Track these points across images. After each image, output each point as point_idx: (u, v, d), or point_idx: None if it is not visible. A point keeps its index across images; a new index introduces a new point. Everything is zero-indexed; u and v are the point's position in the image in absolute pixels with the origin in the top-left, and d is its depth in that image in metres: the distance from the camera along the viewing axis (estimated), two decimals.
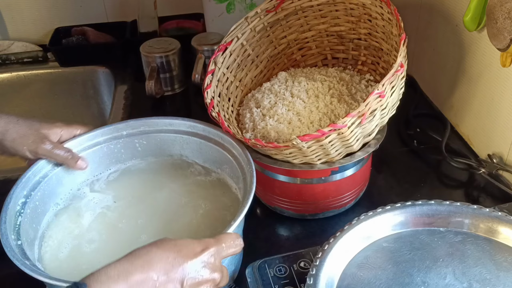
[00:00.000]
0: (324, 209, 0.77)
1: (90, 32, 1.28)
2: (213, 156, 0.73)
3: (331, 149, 0.67)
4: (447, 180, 0.87)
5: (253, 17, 0.83)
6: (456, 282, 0.56)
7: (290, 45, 0.88)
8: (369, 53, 0.85)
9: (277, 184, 0.75)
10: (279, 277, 0.62)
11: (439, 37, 0.97)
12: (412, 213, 0.63)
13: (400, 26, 0.69)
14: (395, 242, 0.62)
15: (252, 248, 0.74)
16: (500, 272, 0.57)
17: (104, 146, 0.74)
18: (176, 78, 1.14)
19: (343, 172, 0.73)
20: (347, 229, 0.61)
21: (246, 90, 0.86)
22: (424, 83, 1.08)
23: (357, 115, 0.63)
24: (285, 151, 0.66)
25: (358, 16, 0.82)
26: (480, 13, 0.80)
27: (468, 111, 0.91)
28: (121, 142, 0.75)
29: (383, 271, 0.58)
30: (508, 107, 0.79)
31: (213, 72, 0.78)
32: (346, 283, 0.57)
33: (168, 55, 1.09)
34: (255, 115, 0.77)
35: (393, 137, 0.95)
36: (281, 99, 0.78)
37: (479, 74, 0.86)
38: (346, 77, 0.82)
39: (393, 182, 0.86)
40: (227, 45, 0.81)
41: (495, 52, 0.77)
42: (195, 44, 1.12)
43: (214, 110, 0.74)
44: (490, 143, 0.85)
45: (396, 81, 0.65)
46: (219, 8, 1.17)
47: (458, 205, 0.63)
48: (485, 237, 0.61)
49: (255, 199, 0.81)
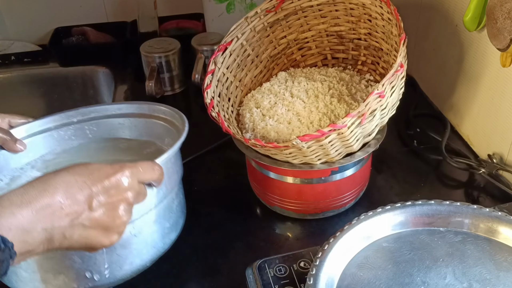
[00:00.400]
0: (324, 209, 0.77)
1: (90, 32, 1.28)
2: (158, 131, 0.74)
3: (331, 149, 0.67)
4: (447, 180, 0.87)
5: (253, 17, 0.83)
6: (456, 282, 0.56)
7: (290, 45, 0.89)
8: (369, 53, 0.85)
9: (277, 184, 0.75)
10: (279, 277, 0.62)
11: (439, 37, 0.97)
12: (412, 213, 0.63)
13: (400, 26, 0.69)
14: (395, 242, 0.62)
15: (252, 248, 0.74)
16: (500, 272, 0.57)
17: (54, 132, 0.74)
18: (176, 78, 1.14)
19: (343, 172, 0.73)
20: (347, 229, 0.61)
21: (246, 90, 0.86)
22: (424, 83, 1.08)
23: (357, 115, 0.63)
24: (285, 151, 0.66)
25: (358, 16, 0.82)
26: (480, 13, 0.80)
27: (468, 111, 0.91)
28: (71, 128, 0.75)
29: (383, 271, 0.58)
30: (508, 107, 0.79)
31: (213, 72, 0.78)
32: (346, 283, 0.57)
33: (168, 55, 1.10)
34: (255, 115, 0.77)
35: (393, 137, 0.95)
36: (281, 99, 0.78)
37: (479, 74, 0.86)
38: (346, 77, 0.82)
39: (393, 182, 0.86)
40: (227, 45, 0.81)
41: (495, 52, 0.77)
42: (195, 44, 1.12)
43: (214, 110, 0.74)
44: (490, 143, 0.85)
45: (396, 81, 0.65)
46: (219, 8, 1.17)
47: (458, 205, 0.63)
48: (485, 237, 0.61)
49: (255, 199, 0.82)
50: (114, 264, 0.60)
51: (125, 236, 0.56)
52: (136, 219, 0.59)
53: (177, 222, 0.68)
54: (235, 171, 0.89)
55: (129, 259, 0.61)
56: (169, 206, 0.66)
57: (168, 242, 0.66)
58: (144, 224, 0.61)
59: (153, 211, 0.61)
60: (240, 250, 0.74)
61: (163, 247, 0.65)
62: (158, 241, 0.64)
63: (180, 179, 0.69)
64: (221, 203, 0.83)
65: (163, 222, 0.64)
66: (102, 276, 0.60)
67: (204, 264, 0.72)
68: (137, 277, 0.70)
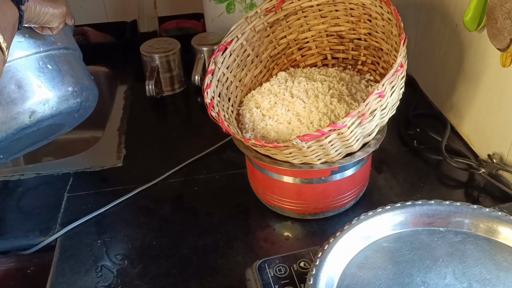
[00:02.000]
0: (324, 209, 0.77)
1: (90, 32, 1.28)
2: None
3: (331, 149, 0.67)
4: (447, 180, 0.87)
5: (253, 17, 0.83)
6: (456, 282, 0.56)
7: (290, 45, 0.89)
8: (369, 53, 0.85)
9: (277, 184, 0.75)
10: (279, 277, 0.62)
11: (439, 37, 0.97)
12: (412, 213, 0.63)
13: (400, 26, 0.69)
14: (395, 242, 0.62)
15: (252, 248, 0.75)
16: (500, 272, 0.57)
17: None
18: (176, 78, 1.14)
19: (343, 172, 0.73)
20: (347, 229, 0.61)
21: (246, 90, 0.86)
22: (424, 83, 1.08)
23: (357, 115, 0.63)
24: (285, 151, 0.66)
25: (358, 16, 0.82)
26: (480, 13, 0.80)
27: (468, 111, 0.91)
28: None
29: (383, 271, 0.58)
30: (508, 107, 0.79)
31: (213, 72, 0.78)
32: (346, 283, 0.57)
33: (168, 55, 1.10)
34: (255, 115, 0.77)
35: (393, 137, 0.95)
36: (281, 99, 0.78)
37: (479, 74, 0.86)
38: (346, 77, 0.82)
39: (393, 182, 0.86)
40: (227, 45, 0.81)
41: (495, 52, 0.77)
42: (195, 44, 1.12)
43: (214, 110, 0.74)
44: (490, 143, 0.85)
45: (396, 81, 0.65)
46: (219, 8, 1.17)
47: (458, 205, 0.63)
48: (485, 237, 0.61)
49: (255, 199, 0.82)
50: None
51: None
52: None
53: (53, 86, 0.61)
54: (235, 171, 0.89)
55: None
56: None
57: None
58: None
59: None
60: (240, 250, 0.74)
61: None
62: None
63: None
64: (221, 203, 0.83)
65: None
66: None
67: (204, 264, 0.72)
68: (137, 276, 0.71)
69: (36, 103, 0.61)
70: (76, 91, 0.66)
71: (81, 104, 0.68)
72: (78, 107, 0.68)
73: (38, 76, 0.61)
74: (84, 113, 0.73)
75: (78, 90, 0.66)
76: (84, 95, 0.68)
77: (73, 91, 0.65)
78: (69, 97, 0.65)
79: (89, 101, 0.70)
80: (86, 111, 0.73)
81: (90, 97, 0.70)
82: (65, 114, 0.66)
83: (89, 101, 0.70)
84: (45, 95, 0.62)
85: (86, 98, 0.69)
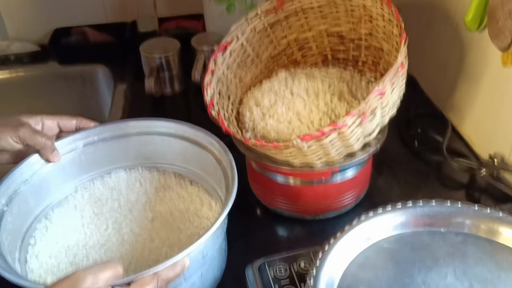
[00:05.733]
0: (325, 210, 0.77)
1: (90, 32, 1.27)
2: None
3: (332, 149, 0.66)
4: (448, 181, 0.86)
5: (253, 18, 0.83)
6: (457, 282, 0.56)
7: (290, 45, 0.88)
8: (370, 54, 0.84)
9: (277, 185, 0.75)
10: (279, 277, 0.62)
11: (440, 37, 0.97)
12: (413, 214, 0.63)
13: (401, 26, 0.69)
14: (396, 243, 0.61)
15: (252, 248, 0.74)
16: (501, 272, 0.56)
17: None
18: (176, 78, 1.13)
19: (343, 173, 0.73)
20: (347, 229, 0.60)
21: (246, 89, 0.85)
22: (425, 83, 1.07)
23: (358, 114, 0.62)
24: (285, 150, 0.66)
25: (359, 17, 0.82)
26: (481, 13, 0.80)
27: (469, 111, 0.91)
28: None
29: (384, 272, 0.58)
30: (509, 108, 0.79)
31: (213, 72, 0.78)
32: (346, 283, 0.56)
33: (168, 55, 1.09)
34: (255, 114, 0.76)
35: (394, 138, 0.95)
36: (281, 97, 0.77)
37: (480, 74, 0.85)
38: (346, 76, 0.81)
39: (393, 183, 0.85)
40: (227, 45, 0.81)
41: (496, 52, 0.76)
42: (195, 44, 1.11)
43: (214, 108, 0.74)
44: (491, 143, 0.85)
45: (396, 78, 0.65)
46: (219, 8, 1.16)
47: (459, 205, 0.63)
48: (486, 238, 0.61)
49: (255, 199, 0.81)
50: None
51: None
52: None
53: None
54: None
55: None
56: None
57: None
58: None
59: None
60: (240, 250, 0.74)
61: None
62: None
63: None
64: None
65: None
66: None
67: None
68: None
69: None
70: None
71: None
72: None
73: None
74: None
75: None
76: None
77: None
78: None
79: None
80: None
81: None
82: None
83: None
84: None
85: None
